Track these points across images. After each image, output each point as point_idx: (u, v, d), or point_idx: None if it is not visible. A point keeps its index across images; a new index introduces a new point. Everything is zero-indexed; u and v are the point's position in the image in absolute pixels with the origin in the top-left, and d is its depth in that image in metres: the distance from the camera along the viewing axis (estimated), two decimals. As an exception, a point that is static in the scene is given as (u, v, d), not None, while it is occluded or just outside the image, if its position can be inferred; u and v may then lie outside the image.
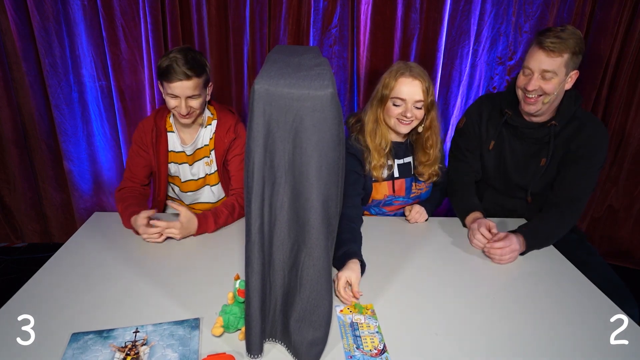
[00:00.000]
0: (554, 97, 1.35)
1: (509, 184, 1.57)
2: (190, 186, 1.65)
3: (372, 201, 1.54)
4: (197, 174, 1.63)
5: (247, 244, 0.81)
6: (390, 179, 1.50)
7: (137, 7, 1.99)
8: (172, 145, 1.58)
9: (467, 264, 1.25)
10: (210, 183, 1.66)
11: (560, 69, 1.31)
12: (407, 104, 1.37)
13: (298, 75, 0.78)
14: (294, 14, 2.05)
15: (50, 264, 1.17)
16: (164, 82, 1.41)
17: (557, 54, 1.28)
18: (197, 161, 1.62)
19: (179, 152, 1.60)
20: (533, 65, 1.33)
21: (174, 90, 1.40)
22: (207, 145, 1.59)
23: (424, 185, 1.56)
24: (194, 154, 1.60)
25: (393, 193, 1.51)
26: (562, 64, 1.30)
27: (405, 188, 1.53)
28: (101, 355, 0.85)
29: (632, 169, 2.27)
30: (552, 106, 1.40)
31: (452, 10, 2.10)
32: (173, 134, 1.58)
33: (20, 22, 1.97)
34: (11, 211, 2.38)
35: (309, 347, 0.85)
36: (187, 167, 1.62)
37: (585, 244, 1.58)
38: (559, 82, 1.32)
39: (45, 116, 2.19)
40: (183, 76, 1.37)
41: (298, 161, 0.78)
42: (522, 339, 0.94)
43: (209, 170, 1.63)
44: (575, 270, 1.24)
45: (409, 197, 1.55)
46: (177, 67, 1.37)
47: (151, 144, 1.53)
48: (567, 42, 1.28)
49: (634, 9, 2.01)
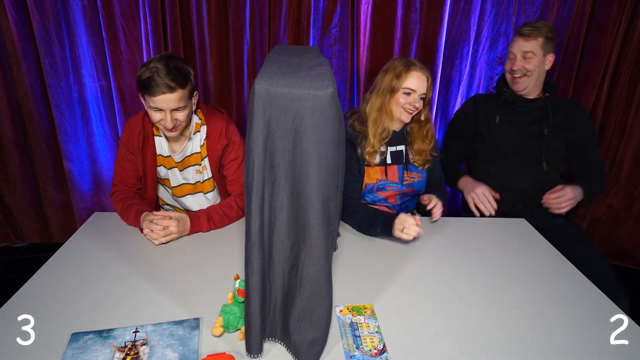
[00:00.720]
0: (537, 75, 1.67)
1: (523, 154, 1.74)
2: (184, 190, 1.57)
3: (366, 186, 1.57)
4: (188, 179, 1.56)
5: (247, 243, 0.81)
6: (383, 165, 1.57)
7: (137, 7, 1.99)
8: (159, 149, 1.51)
9: (467, 263, 1.25)
10: (203, 190, 1.58)
11: (538, 50, 1.64)
12: (415, 94, 1.48)
13: (298, 75, 0.78)
14: (294, 14, 2.05)
15: (50, 264, 1.17)
16: (145, 96, 1.31)
17: (532, 38, 1.63)
18: (188, 167, 1.54)
19: (167, 156, 1.52)
20: (515, 49, 1.67)
21: (157, 104, 1.30)
22: (199, 152, 1.52)
23: (416, 174, 1.59)
24: (183, 161, 1.53)
25: (385, 178, 1.57)
26: (538, 45, 1.63)
27: (398, 175, 1.57)
28: (101, 355, 0.85)
29: (632, 169, 2.27)
30: (537, 82, 1.70)
31: (452, 10, 2.10)
32: (161, 138, 1.50)
33: (20, 22, 1.98)
34: (11, 211, 2.38)
35: (309, 347, 0.85)
36: (178, 172, 1.55)
37: (584, 238, 1.65)
38: (538, 62, 1.65)
39: (45, 116, 2.19)
40: (166, 88, 1.27)
41: (298, 161, 0.78)
42: (522, 339, 0.94)
43: (201, 178, 1.56)
44: (575, 270, 1.24)
45: (402, 183, 1.57)
46: (158, 78, 1.26)
47: (138, 148, 1.45)
48: (540, 29, 1.62)
49: (634, 9, 2.01)
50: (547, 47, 1.64)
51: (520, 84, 1.68)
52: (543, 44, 1.63)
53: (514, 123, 1.75)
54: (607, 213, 2.39)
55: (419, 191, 1.62)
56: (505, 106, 1.77)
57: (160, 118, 1.33)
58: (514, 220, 1.54)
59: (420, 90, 1.48)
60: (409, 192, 1.60)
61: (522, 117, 1.74)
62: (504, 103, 1.76)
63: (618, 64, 2.12)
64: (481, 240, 1.39)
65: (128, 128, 1.48)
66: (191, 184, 1.57)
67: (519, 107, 1.74)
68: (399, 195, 1.60)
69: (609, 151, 2.27)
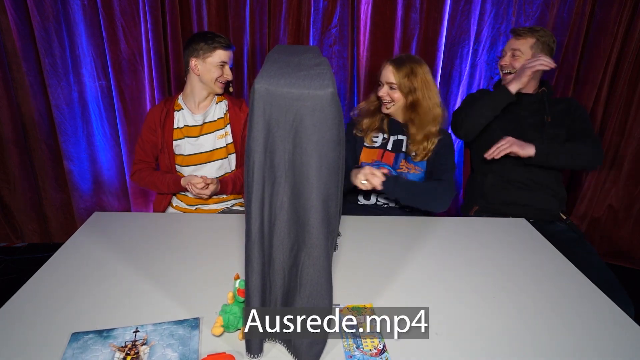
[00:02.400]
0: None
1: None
2: (198, 159, 1.73)
3: (362, 164, 1.61)
4: (205, 146, 1.73)
5: (247, 243, 0.81)
6: (383, 149, 1.61)
7: (137, 7, 1.99)
8: (176, 122, 1.72)
9: (467, 263, 1.25)
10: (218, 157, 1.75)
11: (526, 50, 1.69)
12: (385, 86, 1.56)
13: (298, 74, 0.78)
14: (294, 14, 2.05)
15: (50, 264, 1.17)
16: (215, 52, 1.61)
17: (522, 38, 1.69)
18: (205, 135, 1.72)
19: (182, 127, 1.71)
20: (506, 47, 1.76)
21: (222, 58, 1.62)
22: (222, 118, 1.74)
23: (413, 166, 1.59)
24: (203, 126, 1.72)
25: (381, 159, 1.61)
26: (527, 45, 1.69)
27: (394, 160, 1.60)
28: (101, 354, 0.85)
29: (632, 169, 2.27)
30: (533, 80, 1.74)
31: (452, 10, 2.10)
32: (179, 112, 1.72)
33: (20, 22, 1.97)
34: (11, 211, 2.38)
35: (309, 347, 0.85)
36: (192, 140, 1.72)
37: (584, 242, 1.64)
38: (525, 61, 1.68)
39: (45, 116, 2.19)
40: (228, 45, 1.64)
41: (298, 161, 0.78)
42: (522, 339, 0.94)
43: (221, 144, 1.74)
44: (576, 270, 1.24)
45: (395, 170, 1.59)
46: (222, 39, 1.62)
47: (160, 122, 1.68)
48: (535, 31, 1.68)
49: (634, 9, 2.01)
50: (538, 49, 1.69)
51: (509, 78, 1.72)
52: (533, 44, 1.68)
53: (512, 116, 1.76)
54: (607, 213, 2.39)
55: None
56: None
57: (221, 73, 1.65)
58: (514, 220, 1.54)
59: (385, 79, 1.54)
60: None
61: (521, 110, 1.77)
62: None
63: (618, 64, 2.12)
64: (481, 240, 1.39)
65: (151, 112, 1.73)
66: (207, 151, 1.74)
67: (518, 100, 1.75)
68: None
69: (609, 151, 2.26)
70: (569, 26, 2.10)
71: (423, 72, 1.52)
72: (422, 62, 1.55)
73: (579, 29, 2.10)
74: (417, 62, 1.53)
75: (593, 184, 2.34)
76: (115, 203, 2.39)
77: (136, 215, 1.61)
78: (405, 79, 1.51)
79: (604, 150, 2.25)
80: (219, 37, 1.63)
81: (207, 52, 1.62)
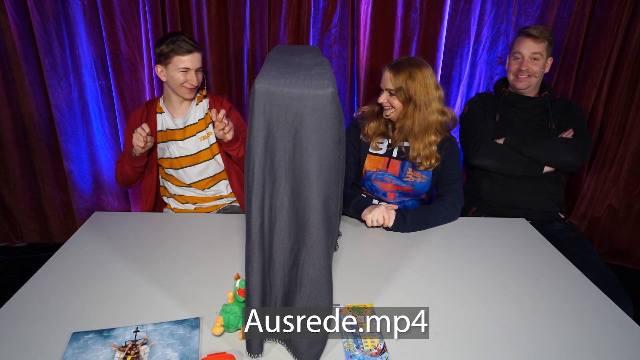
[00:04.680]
0: (540, 76, 1.75)
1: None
2: (186, 161, 1.69)
3: (366, 172, 1.60)
4: (189, 149, 1.69)
5: (247, 243, 0.81)
6: (388, 157, 1.58)
7: (137, 7, 1.99)
8: (160, 125, 1.68)
9: (466, 263, 1.25)
10: (204, 159, 1.71)
11: (543, 52, 1.70)
12: (385, 92, 1.52)
13: (298, 74, 0.78)
14: (294, 14, 2.05)
15: (50, 263, 1.17)
16: (173, 58, 1.52)
17: (541, 40, 1.68)
18: (189, 138, 1.68)
19: (165, 130, 1.68)
20: (524, 50, 1.70)
21: (186, 63, 1.53)
22: (203, 119, 1.68)
23: (420, 174, 1.56)
24: (185, 129, 1.68)
25: (386, 169, 1.58)
26: (544, 48, 1.69)
27: (399, 169, 1.57)
28: (101, 354, 0.85)
29: (632, 169, 2.27)
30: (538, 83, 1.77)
31: (452, 10, 2.10)
32: (161, 115, 1.68)
33: (20, 22, 1.98)
34: (11, 211, 2.38)
35: (309, 346, 0.85)
36: (178, 143, 1.68)
37: (584, 242, 1.64)
38: (542, 64, 1.71)
39: (45, 116, 2.19)
40: (193, 48, 1.53)
41: (298, 160, 0.78)
42: (522, 339, 0.94)
43: (205, 146, 1.69)
44: (576, 270, 1.24)
45: (402, 179, 1.57)
46: (184, 42, 1.51)
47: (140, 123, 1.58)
48: (545, 32, 1.69)
49: (634, 9, 2.01)
50: (549, 50, 1.72)
51: (525, 82, 1.72)
52: (547, 47, 1.70)
53: (516, 120, 1.77)
54: (607, 213, 2.39)
55: (420, 193, 1.59)
56: (505, 105, 1.80)
57: (186, 78, 1.56)
58: (514, 220, 1.54)
59: (384, 85, 1.51)
60: (409, 190, 1.58)
61: (526, 114, 1.78)
62: (504, 102, 1.80)
63: (618, 64, 2.12)
64: (481, 240, 1.39)
65: (132, 115, 1.70)
66: (192, 154, 1.69)
67: (520, 105, 1.78)
68: (398, 192, 1.59)
69: (609, 151, 2.26)
70: (569, 26, 2.10)
71: (423, 77, 1.45)
72: (423, 66, 1.47)
73: (579, 29, 2.10)
74: (417, 66, 1.46)
75: (593, 184, 2.34)
76: (115, 203, 2.39)
77: (136, 215, 1.61)
78: (402, 85, 1.45)
79: (604, 151, 2.25)
80: (180, 41, 1.52)
81: (166, 57, 1.54)
